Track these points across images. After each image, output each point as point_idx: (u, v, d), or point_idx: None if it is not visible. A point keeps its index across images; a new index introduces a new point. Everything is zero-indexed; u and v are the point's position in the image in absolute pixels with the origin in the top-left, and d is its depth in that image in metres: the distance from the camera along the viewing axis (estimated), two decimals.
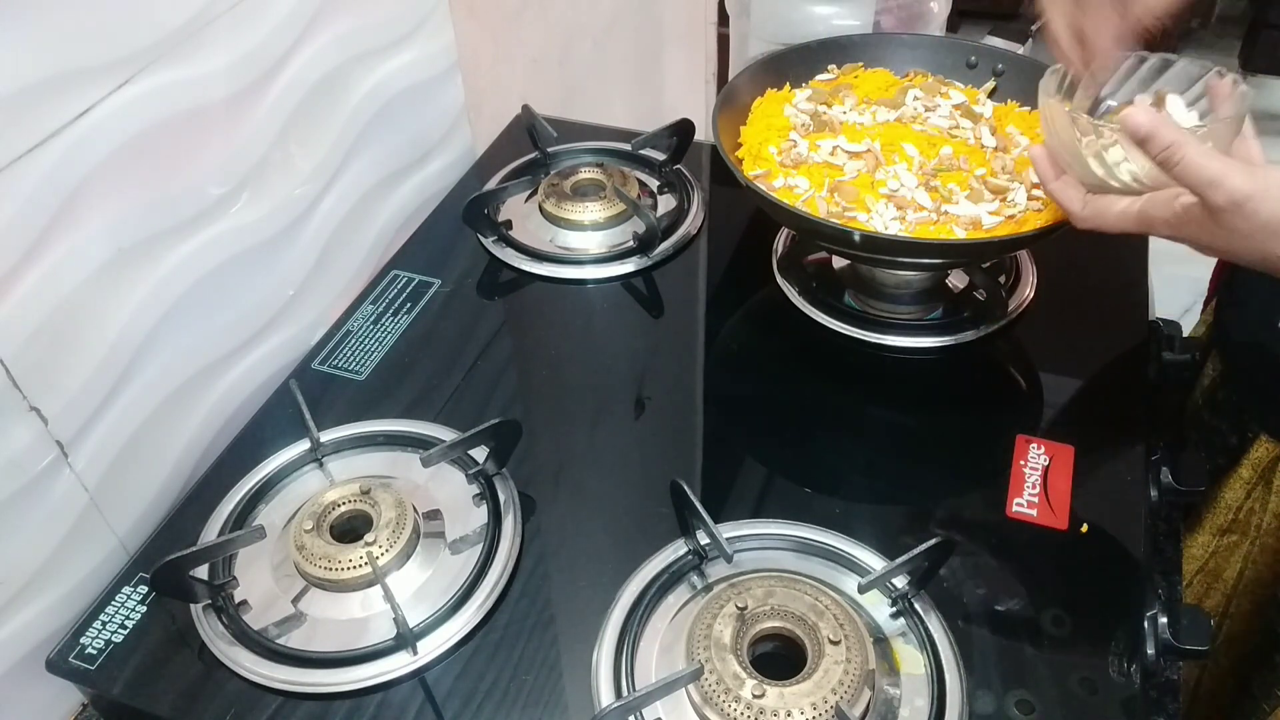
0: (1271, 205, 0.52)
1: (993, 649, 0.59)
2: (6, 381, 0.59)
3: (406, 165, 0.98)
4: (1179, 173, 0.54)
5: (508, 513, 0.67)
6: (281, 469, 0.72)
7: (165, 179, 0.68)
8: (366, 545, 0.63)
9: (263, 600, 0.64)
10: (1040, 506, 0.67)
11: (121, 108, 0.63)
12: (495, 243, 0.92)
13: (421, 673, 0.60)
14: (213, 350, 0.76)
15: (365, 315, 0.85)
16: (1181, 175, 0.54)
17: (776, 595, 0.59)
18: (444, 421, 0.74)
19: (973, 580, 0.63)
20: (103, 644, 0.62)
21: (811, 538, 0.65)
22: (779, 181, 0.78)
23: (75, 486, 0.65)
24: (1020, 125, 0.83)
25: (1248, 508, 0.77)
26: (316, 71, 0.81)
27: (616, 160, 1.00)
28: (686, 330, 0.85)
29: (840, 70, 0.90)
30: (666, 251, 0.90)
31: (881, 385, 0.79)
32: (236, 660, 0.60)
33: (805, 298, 0.83)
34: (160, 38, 0.65)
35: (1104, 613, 0.61)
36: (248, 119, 0.74)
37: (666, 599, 0.62)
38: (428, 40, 0.96)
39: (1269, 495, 0.75)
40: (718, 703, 0.54)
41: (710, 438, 0.75)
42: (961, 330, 0.80)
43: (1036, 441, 0.71)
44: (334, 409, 0.77)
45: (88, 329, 0.64)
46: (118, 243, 0.65)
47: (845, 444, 0.74)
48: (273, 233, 0.79)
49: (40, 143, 0.58)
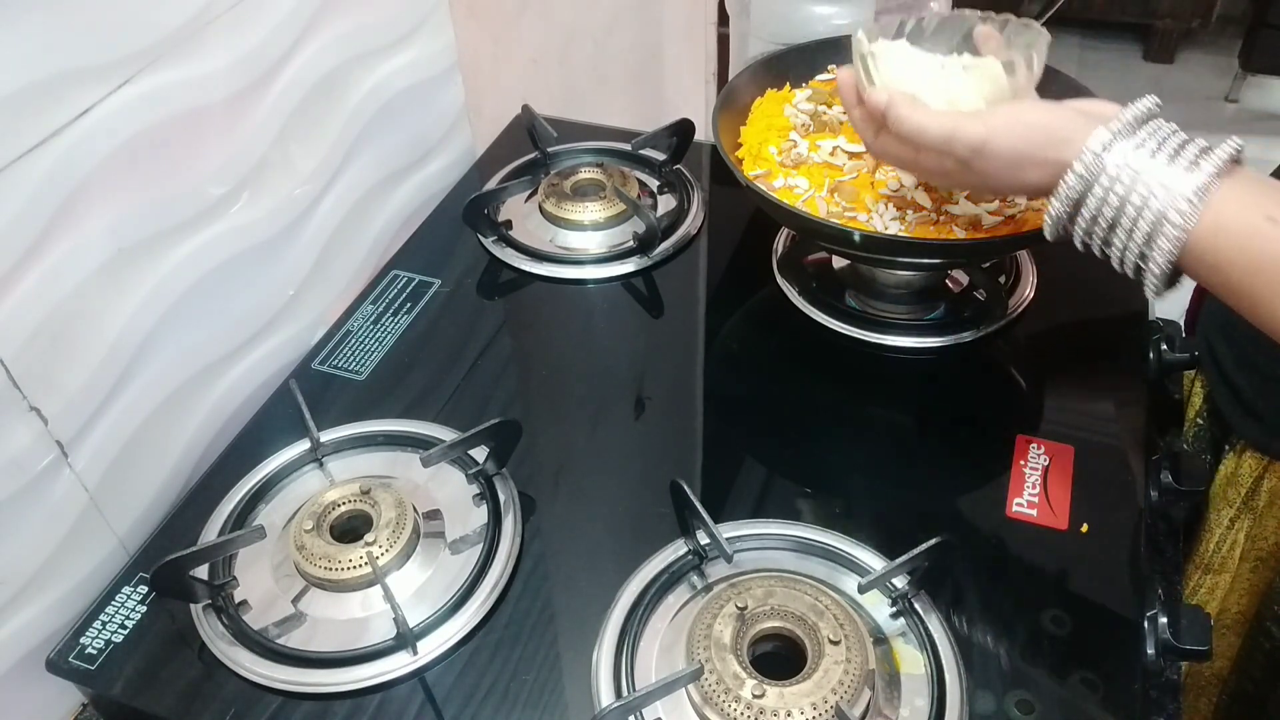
0: (1006, 141, 0.57)
1: (993, 649, 0.59)
2: (6, 381, 0.59)
3: (406, 165, 0.98)
4: (911, 136, 0.60)
5: (508, 513, 0.67)
6: (281, 469, 0.72)
7: (165, 179, 0.68)
8: (366, 545, 0.63)
9: (263, 600, 0.64)
10: (1040, 506, 0.67)
11: (121, 108, 0.63)
12: (495, 243, 0.92)
13: (421, 673, 0.60)
14: (213, 350, 0.76)
15: (365, 315, 0.86)
16: (916, 138, 0.60)
17: (776, 595, 0.59)
18: (444, 421, 0.74)
19: (973, 580, 0.63)
20: (103, 644, 0.62)
21: (811, 538, 0.65)
22: (779, 181, 0.78)
23: (75, 486, 0.65)
24: None
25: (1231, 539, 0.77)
26: (316, 71, 0.81)
27: (616, 160, 1.00)
28: (686, 330, 0.85)
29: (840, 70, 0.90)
30: (666, 251, 0.90)
31: (881, 385, 0.79)
32: (236, 660, 0.60)
33: (805, 298, 0.83)
34: (160, 38, 0.65)
35: (1104, 613, 0.61)
36: (247, 119, 0.74)
37: (666, 599, 0.62)
38: (428, 40, 0.96)
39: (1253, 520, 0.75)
40: (718, 703, 0.54)
41: (710, 438, 0.75)
42: (961, 330, 0.80)
43: (1036, 441, 0.71)
44: (334, 409, 0.77)
45: (88, 329, 0.64)
46: (118, 243, 0.65)
47: (845, 444, 0.74)
48: (273, 233, 0.79)
49: (40, 143, 0.58)
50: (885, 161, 0.69)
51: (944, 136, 0.59)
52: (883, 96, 0.62)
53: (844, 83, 0.67)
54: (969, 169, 0.59)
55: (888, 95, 0.61)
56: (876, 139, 0.65)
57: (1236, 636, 0.80)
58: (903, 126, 0.60)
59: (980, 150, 0.58)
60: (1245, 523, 0.75)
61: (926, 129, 0.59)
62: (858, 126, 0.67)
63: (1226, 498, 0.76)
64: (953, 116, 0.59)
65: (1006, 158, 0.57)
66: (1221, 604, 0.79)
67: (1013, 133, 0.57)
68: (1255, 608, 0.79)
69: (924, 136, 0.60)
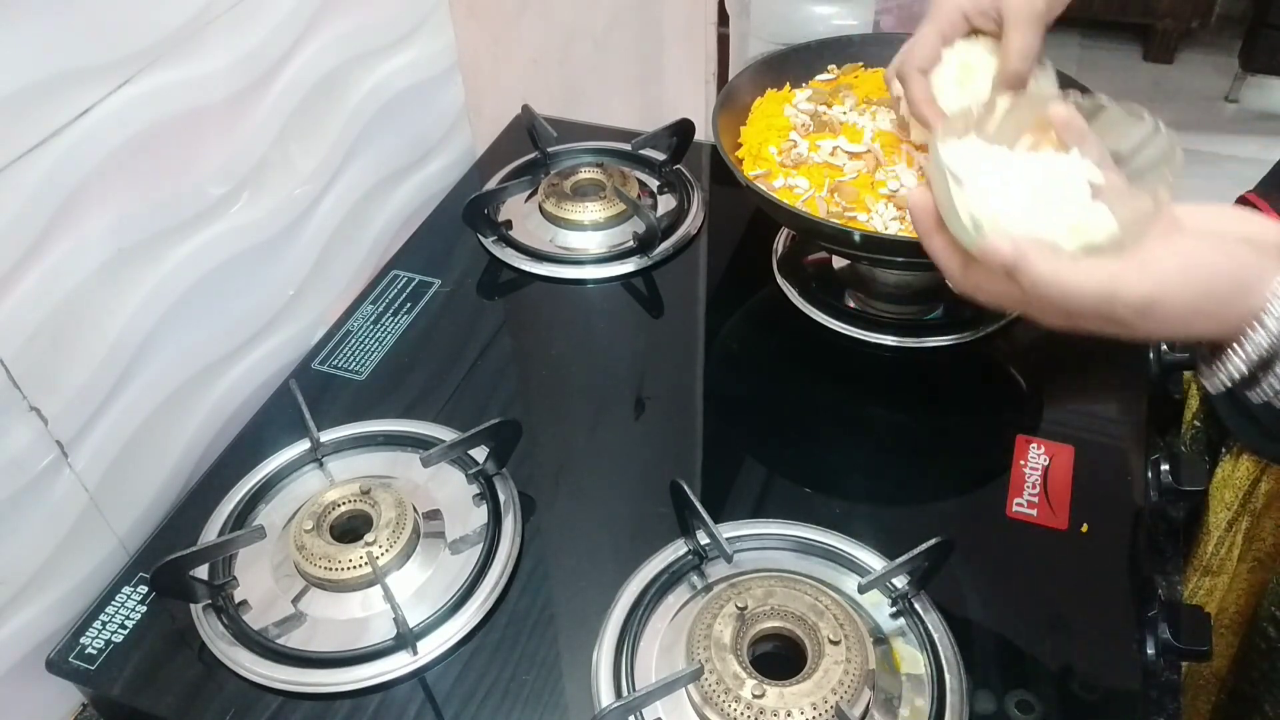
0: (1179, 298, 0.46)
1: (993, 649, 0.59)
2: (6, 381, 0.59)
3: (406, 165, 0.98)
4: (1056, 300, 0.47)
5: (508, 513, 0.67)
6: (281, 469, 0.72)
7: (165, 179, 0.68)
8: (366, 545, 0.63)
9: (263, 600, 0.64)
10: (1040, 506, 0.67)
11: (121, 108, 0.63)
12: (495, 243, 0.92)
13: (421, 673, 0.60)
14: (213, 350, 0.76)
15: (365, 315, 0.86)
16: (1063, 302, 0.47)
17: (776, 595, 0.59)
18: (444, 421, 0.74)
19: (973, 580, 0.63)
20: (103, 644, 0.62)
21: (811, 538, 0.65)
22: (779, 181, 0.78)
23: (75, 486, 0.65)
24: None
25: (1230, 540, 0.76)
26: (316, 71, 0.81)
27: (616, 160, 1.00)
28: (686, 330, 0.85)
29: (840, 70, 0.90)
30: (666, 251, 0.90)
31: (881, 385, 0.79)
32: (236, 660, 0.60)
33: (805, 298, 0.83)
34: (160, 38, 0.65)
35: (1104, 613, 0.61)
36: (247, 119, 0.74)
37: (666, 599, 0.62)
38: (428, 40, 0.96)
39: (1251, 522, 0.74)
40: (718, 703, 0.54)
41: (710, 438, 0.75)
42: (961, 330, 0.80)
43: (1036, 441, 0.71)
44: (334, 409, 0.77)
45: (88, 329, 0.64)
46: (118, 243, 0.65)
47: (845, 444, 0.74)
48: (273, 233, 0.79)
49: (40, 143, 0.58)
50: (980, 299, 0.52)
51: (1103, 298, 0.46)
52: (1006, 248, 0.47)
53: (918, 207, 0.52)
54: (1122, 326, 0.48)
55: (1013, 246, 0.47)
56: (966, 274, 0.51)
57: (1234, 636, 0.80)
58: (1046, 290, 0.46)
59: (1147, 311, 0.46)
60: (1243, 524, 0.75)
61: (1081, 291, 0.46)
62: (938, 258, 0.53)
63: (1224, 500, 0.76)
64: (1107, 272, 0.46)
65: (1178, 315, 0.46)
66: (1220, 605, 0.79)
67: (1187, 287, 0.46)
68: (1253, 607, 0.79)
69: (1076, 301, 0.46)
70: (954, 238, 0.51)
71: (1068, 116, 0.52)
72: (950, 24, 0.68)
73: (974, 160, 0.51)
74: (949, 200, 0.49)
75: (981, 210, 0.48)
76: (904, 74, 0.71)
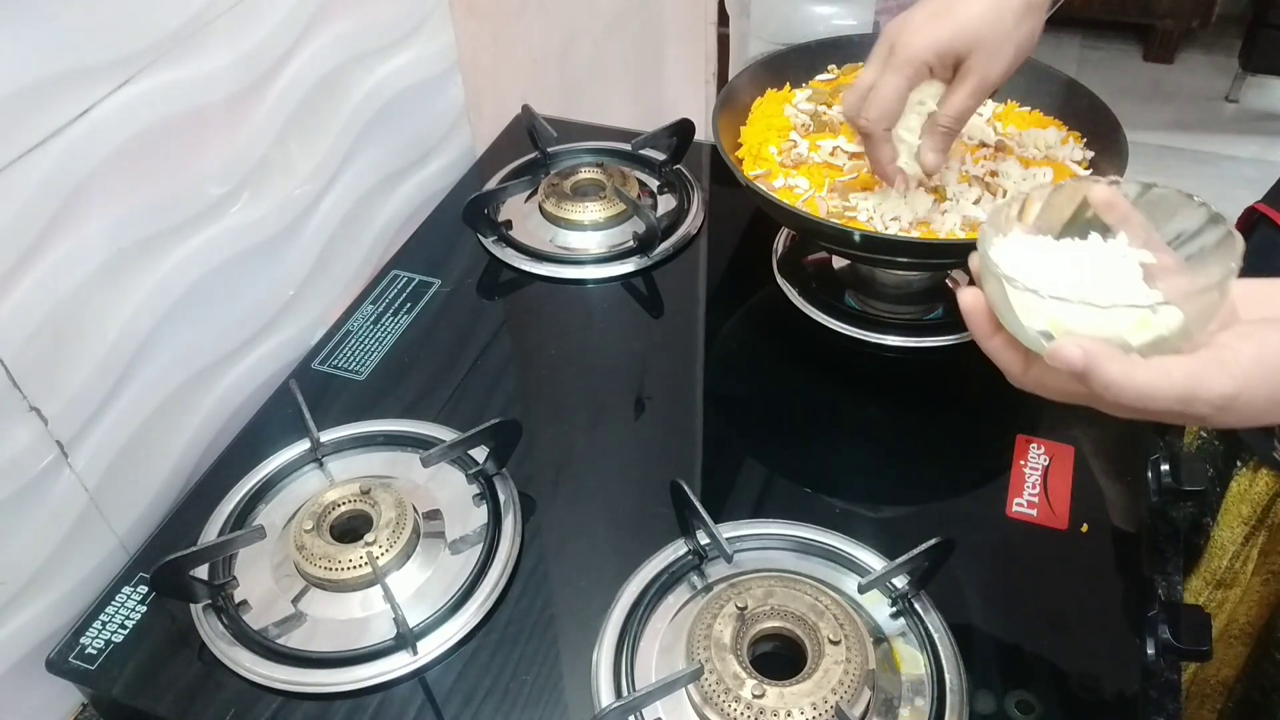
0: (1262, 391, 0.45)
1: (993, 649, 0.60)
2: (6, 381, 0.59)
3: (406, 165, 0.98)
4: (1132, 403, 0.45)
5: (508, 513, 0.67)
6: (281, 469, 0.72)
7: (165, 179, 0.68)
8: (366, 545, 0.63)
9: (263, 600, 0.64)
10: (1040, 506, 0.67)
11: (121, 108, 0.63)
12: (495, 243, 0.92)
13: (421, 673, 0.60)
14: (213, 350, 0.76)
15: (365, 315, 0.86)
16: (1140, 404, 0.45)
17: (776, 595, 0.59)
18: (444, 421, 0.74)
19: (973, 580, 0.63)
20: (103, 644, 0.62)
21: (811, 538, 0.65)
22: (779, 181, 0.78)
23: (75, 486, 0.65)
24: (1020, 124, 0.83)
25: (1245, 554, 0.76)
26: (316, 71, 0.81)
27: (616, 160, 1.00)
28: (686, 330, 0.85)
29: (840, 70, 0.90)
30: (666, 251, 0.90)
31: (881, 385, 0.79)
32: (236, 660, 0.60)
33: (805, 298, 0.83)
34: (160, 38, 0.65)
35: (1104, 613, 0.61)
36: (248, 119, 0.74)
37: (666, 599, 0.62)
38: (428, 40, 0.96)
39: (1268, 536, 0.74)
40: (718, 703, 0.54)
41: (710, 438, 0.75)
42: (961, 330, 0.80)
43: (1036, 441, 0.71)
44: (334, 409, 0.77)
45: (87, 329, 0.64)
46: (117, 243, 0.65)
47: (845, 444, 0.74)
48: (273, 233, 0.79)
49: (40, 143, 0.58)
50: (1043, 395, 0.51)
51: (1182, 399, 0.44)
52: (1076, 355, 0.45)
53: (972, 310, 0.50)
54: (1199, 419, 0.46)
55: (1083, 353, 0.45)
56: (1028, 372, 0.50)
57: (1244, 646, 0.80)
58: (1121, 394, 0.44)
59: (1227, 407, 0.45)
60: (1260, 539, 0.75)
61: (1157, 393, 0.44)
62: (998, 359, 0.51)
63: (1240, 514, 0.75)
64: (1184, 371, 0.44)
65: (1258, 408, 0.45)
66: (1230, 616, 0.79)
67: (1267, 382, 0.44)
68: (1265, 619, 0.78)
69: (1153, 402, 0.45)
70: (1011, 336, 0.50)
71: (1110, 198, 0.51)
72: (916, 75, 0.67)
73: (1022, 254, 0.50)
74: (1004, 302, 0.48)
75: (1043, 313, 0.46)
76: (869, 131, 0.69)
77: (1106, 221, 0.51)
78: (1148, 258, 0.49)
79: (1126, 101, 2.62)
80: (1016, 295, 0.47)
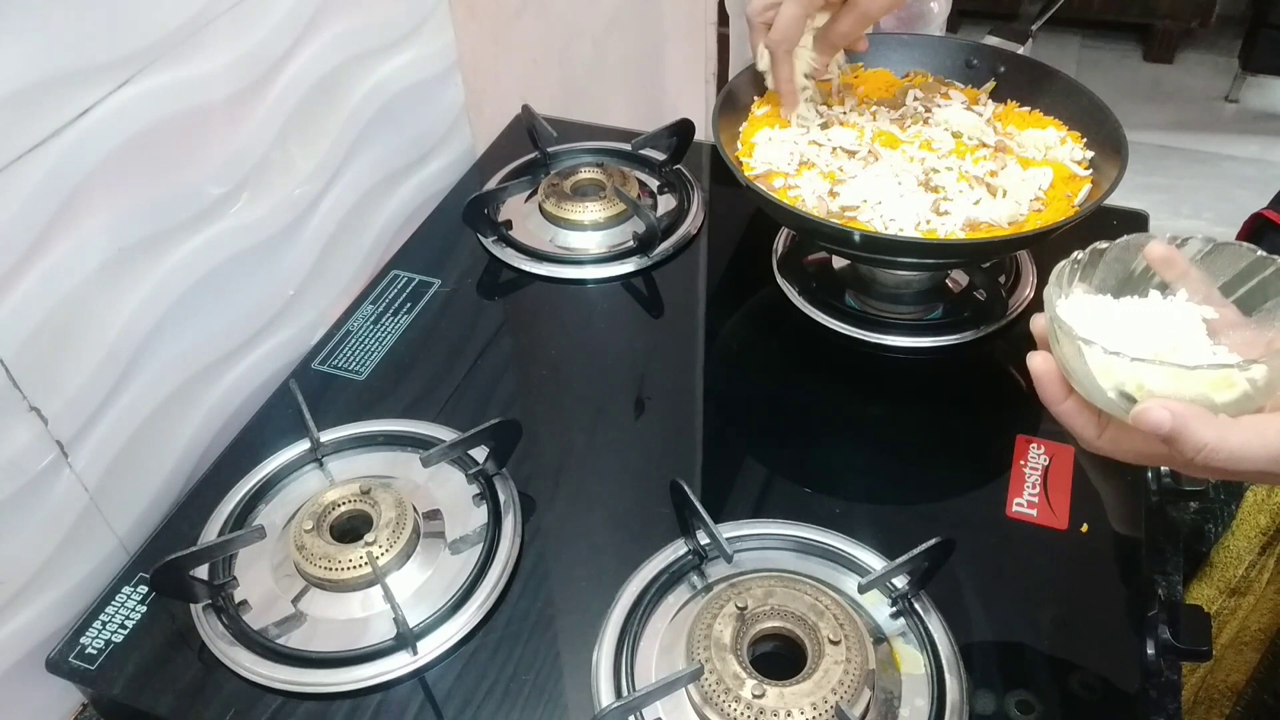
0: None
1: (993, 649, 0.59)
2: (6, 381, 0.59)
3: (406, 165, 0.98)
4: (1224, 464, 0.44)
5: (508, 513, 0.67)
6: (281, 469, 0.72)
7: (165, 179, 0.68)
8: (366, 545, 0.63)
9: (263, 600, 0.64)
10: (1040, 506, 0.67)
11: (121, 108, 0.63)
12: (495, 243, 0.92)
13: (421, 673, 0.60)
14: (213, 350, 0.76)
15: (365, 315, 0.86)
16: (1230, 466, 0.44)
17: (776, 595, 0.59)
18: (444, 421, 0.74)
19: (973, 580, 0.63)
20: (103, 644, 0.62)
21: (811, 538, 0.65)
22: (779, 181, 0.78)
23: (75, 486, 0.65)
24: (1020, 124, 0.83)
25: (1261, 563, 0.75)
26: (316, 71, 0.81)
27: (616, 160, 1.00)
28: (686, 330, 0.85)
29: (840, 70, 0.90)
30: (666, 251, 0.90)
31: (881, 385, 0.79)
32: (236, 660, 0.60)
33: (805, 298, 0.83)
34: (160, 38, 0.65)
35: (1104, 613, 0.61)
36: (248, 119, 0.74)
37: (666, 599, 0.62)
38: (428, 40, 0.96)
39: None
40: (718, 703, 0.54)
41: (710, 438, 0.75)
42: (961, 330, 0.80)
43: (1036, 441, 0.71)
44: (334, 409, 0.77)
45: (88, 329, 0.64)
46: (118, 243, 0.65)
47: (845, 444, 0.74)
48: (273, 233, 0.79)
49: (40, 143, 0.58)
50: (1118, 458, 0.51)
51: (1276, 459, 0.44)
52: (1164, 418, 0.44)
53: (1044, 375, 0.50)
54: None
55: (1171, 416, 0.44)
56: (1103, 435, 0.50)
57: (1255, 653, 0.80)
58: (1213, 459, 0.44)
59: None
60: (1278, 549, 0.74)
61: (1251, 455, 0.44)
62: (1071, 424, 0.51)
63: (1258, 525, 0.75)
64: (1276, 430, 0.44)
65: None
66: (1242, 623, 0.78)
67: None
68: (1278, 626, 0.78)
69: (1246, 463, 0.44)
70: (1082, 399, 0.49)
71: (1167, 254, 0.51)
72: (812, 4, 0.75)
73: (1087, 315, 0.50)
74: (1080, 365, 0.47)
75: (1122, 374, 0.46)
76: (772, 51, 0.79)
77: (1165, 279, 0.51)
78: (1209, 313, 0.49)
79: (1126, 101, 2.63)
80: (1095, 358, 0.46)
